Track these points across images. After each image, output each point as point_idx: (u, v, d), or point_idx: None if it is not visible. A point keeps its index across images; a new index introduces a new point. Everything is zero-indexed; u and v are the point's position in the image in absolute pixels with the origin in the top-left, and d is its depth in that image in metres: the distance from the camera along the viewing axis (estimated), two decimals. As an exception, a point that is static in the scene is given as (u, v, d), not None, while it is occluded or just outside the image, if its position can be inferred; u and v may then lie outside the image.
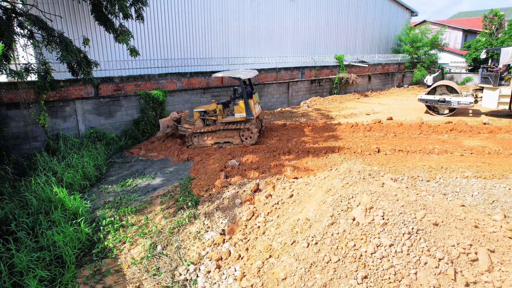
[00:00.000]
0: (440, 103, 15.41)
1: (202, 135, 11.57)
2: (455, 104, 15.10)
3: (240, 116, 11.22)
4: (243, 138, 11.46)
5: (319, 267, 4.41)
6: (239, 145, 11.35)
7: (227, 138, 11.55)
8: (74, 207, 7.09)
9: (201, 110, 11.82)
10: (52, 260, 5.85)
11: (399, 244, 4.40)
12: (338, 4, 22.48)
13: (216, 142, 11.58)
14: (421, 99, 15.95)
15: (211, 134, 11.51)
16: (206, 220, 6.89)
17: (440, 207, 5.30)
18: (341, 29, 23.26)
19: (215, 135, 11.52)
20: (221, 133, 11.48)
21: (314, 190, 6.38)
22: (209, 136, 11.54)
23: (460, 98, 15.03)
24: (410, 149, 10.53)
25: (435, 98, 15.50)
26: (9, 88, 10.45)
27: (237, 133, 11.45)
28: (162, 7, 14.90)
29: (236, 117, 11.30)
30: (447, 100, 15.22)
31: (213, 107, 11.66)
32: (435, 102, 15.52)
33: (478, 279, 4.06)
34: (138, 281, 5.55)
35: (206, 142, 11.59)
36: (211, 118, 11.67)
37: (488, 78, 14.97)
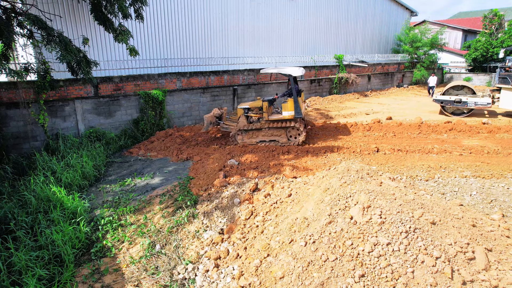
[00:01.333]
0: (456, 104, 15.03)
1: (247, 133, 11.34)
2: (472, 105, 14.73)
3: (288, 114, 10.87)
4: (290, 137, 11.26)
5: (317, 265, 4.42)
6: (285, 144, 11.16)
7: (273, 136, 11.29)
8: (73, 207, 7.10)
9: (245, 107, 11.49)
10: (51, 259, 5.86)
11: (396, 242, 4.42)
12: (337, 3, 22.49)
13: (261, 140, 11.36)
14: (436, 99, 15.57)
15: (256, 132, 11.29)
16: (205, 219, 6.90)
17: (438, 206, 5.31)
18: (341, 29, 23.27)
19: (260, 133, 11.28)
20: (267, 131, 11.24)
21: (312, 189, 6.39)
22: (254, 134, 11.31)
23: (477, 99, 14.67)
24: (409, 148, 10.55)
25: (451, 99, 15.12)
26: (8, 87, 10.46)
27: (284, 132, 11.23)
28: (161, 7, 14.91)
29: (284, 115, 10.95)
30: (464, 100, 14.82)
31: (259, 104, 11.36)
32: (451, 102, 15.14)
33: (475, 278, 4.07)
34: (136, 280, 5.56)
35: (250, 140, 11.37)
36: (256, 115, 11.37)
37: (506, 78, 14.56)
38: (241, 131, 11.32)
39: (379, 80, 24.49)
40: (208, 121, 11.62)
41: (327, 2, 21.85)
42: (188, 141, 12.30)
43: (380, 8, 25.42)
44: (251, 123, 11.42)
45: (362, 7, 24.02)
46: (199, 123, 15.11)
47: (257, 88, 17.15)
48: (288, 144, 11.17)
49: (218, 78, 15.73)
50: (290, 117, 10.94)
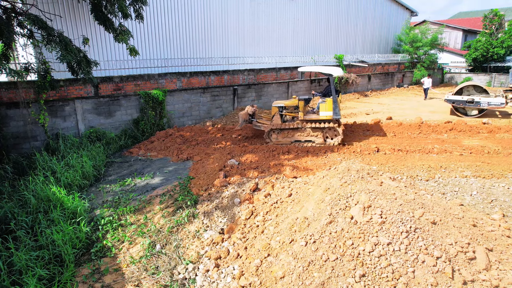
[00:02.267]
0: (468, 104, 14.76)
1: (281, 132, 11.13)
2: (485, 105, 14.49)
3: (326, 114, 10.67)
4: (326, 138, 11.07)
5: (317, 265, 4.41)
6: (321, 145, 10.98)
7: (310, 136, 11.07)
8: (73, 207, 7.10)
9: (280, 106, 11.28)
10: (51, 259, 5.86)
11: (397, 242, 4.41)
12: (338, 3, 22.49)
13: (296, 140, 11.16)
14: (448, 99, 15.29)
15: (292, 131, 11.11)
16: (205, 219, 6.90)
17: (439, 206, 5.31)
18: (341, 29, 23.27)
19: (296, 133, 11.10)
20: (304, 131, 11.05)
21: (312, 189, 6.38)
22: (289, 134, 11.12)
23: (490, 99, 14.42)
24: (409, 148, 10.55)
25: (463, 99, 14.84)
26: (8, 87, 10.46)
27: (321, 132, 11.02)
28: (161, 7, 14.91)
29: (321, 115, 10.76)
30: (477, 101, 14.54)
31: (294, 103, 11.12)
32: (463, 103, 14.87)
33: (475, 278, 4.07)
34: (137, 280, 5.55)
35: (285, 139, 11.17)
36: (291, 114, 11.23)
37: None
38: (276, 130, 11.09)
39: (379, 80, 24.49)
40: (242, 118, 11.43)
41: (327, 2, 21.85)
42: (188, 141, 12.29)
43: (380, 8, 25.42)
44: (284, 122, 11.21)
45: (362, 7, 24.03)
46: (199, 123, 15.10)
47: (257, 88, 17.16)
48: (323, 145, 10.91)
49: (218, 78, 15.73)
50: (327, 118, 10.74)
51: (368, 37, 25.40)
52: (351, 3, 23.24)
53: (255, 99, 17.27)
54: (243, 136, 12.60)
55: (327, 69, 11.03)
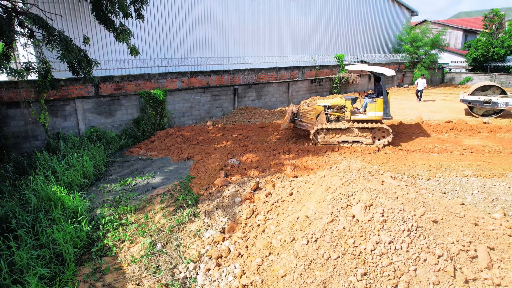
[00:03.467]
0: (485, 105, 14.44)
1: (329, 132, 10.87)
2: (502, 105, 14.14)
3: (375, 115, 10.47)
4: (374, 139, 10.82)
5: (319, 264, 4.41)
6: (369, 145, 10.71)
7: (358, 137, 10.78)
8: (73, 206, 7.09)
9: (326, 105, 11.04)
10: (52, 258, 5.85)
11: (398, 241, 4.41)
12: (338, 3, 22.49)
13: (344, 140, 10.88)
14: (463, 100, 14.93)
15: (339, 131, 10.81)
16: (206, 218, 6.89)
17: (440, 205, 5.30)
18: (341, 28, 23.27)
19: (344, 133, 10.81)
20: (352, 131, 10.77)
21: (313, 188, 6.38)
22: (336, 134, 10.82)
23: (508, 99, 14.07)
24: (410, 148, 10.54)
25: (479, 99, 14.50)
26: (9, 87, 10.46)
27: (370, 133, 10.72)
28: (162, 6, 14.91)
29: (370, 115, 10.55)
30: (494, 101, 14.20)
31: (340, 103, 10.91)
32: (480, 103, 14.53)
33: (477, 276, 4.06)
34: (138, 279, 5.55)
35: (332, 139, 10.88)
36: (336, 114, 11.00)
37: None
38: (323, 129, 10.85)
39: (379, 80, 24.47)
40: (288, 118, 11.14)
41: (328, 2, 21.85)
42: (188, 140, 12.29)
43: (381, 8, 25.42)
44: (329, 121, 11.01)
45: (362, 7, 24.03)
46: (199, 122, 15.10)
47: (258, 87, 17.16)
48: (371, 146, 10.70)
49: (219, 78, 15.73)
50: (377, 118, 10.56)
51: (369, 37, 25.41)
52: (351, 3, 23.24)
53: (256, 99, 17.27)
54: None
55: (379, 69, 10.83)
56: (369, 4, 24.40)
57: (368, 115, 10.62)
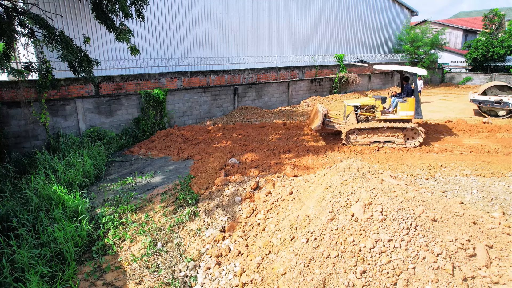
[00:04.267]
0: (496, 105, 14.28)
1: (360, 132, 10.76)
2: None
3: (407, 114, 10.48)
4: (406, 139, 10.78)
5: (318, 262, 4.43)
6: (401, 145, 10.69)
7: (390, 137, 10.72)
8: (74, 205, 7.12)
9: (356, 105, 11.02)
10: (53, 257, 5.88)
11: (397, 239, 4.43)
12: (338, 3, 22.51)
13: (376, 140, 10.80)
14: (474, 100, 14.74)
15: (371, 131, 10.73)
16: (206, 217, 6.92)
17: (439, 204, 5.33)
18: (341, 28, 23.29)
19: (376, 133, 10.72)
20: (384, 131, 10.69)
21: (313, 187, 6.41)
22: (369, 134, 10.73)
23: None
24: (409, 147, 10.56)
25: (490, 99, 14.32)
26: (10, 86, 10.48)
27: (401, 133, 10.67)
28: (162, 6, 14.94)
29: (401, 115, 10.53)
30: (505, 101, 13.98)
31: (370, 103, 10.89)
32: (491, 103, 14.36)
33: (476, 274, 4.09)
34: (138, 277, 5.58)
35: (364, 140, 10.78)
36: (366, 114, 10.93)
37: None
38: (355, 130, 10.80)
39: (379, 79, 24.51)
40: (321, 118, 10.96)
41: (328, 1, 21.87)
42: (189, 140, 12.31)
43: (381, 8, 25.44)
44: (359, 121, 10.97)
45: (362, 7, 24.05)
46: (199, 122, 15.13)
47: (258, 87, 17.19)
48: (403, 146, 10.67)
49: (219, 78, 15.75)
50: (408, 118, 10.55)
51: (369, 37, 25.43)
52: (351, 3, 23.26)
53: (256, 99, 17.30)
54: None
55: (411, 68, 10.79)
56: (369, 4, 24.43)
57: (400, 114, 10.60)
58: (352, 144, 10.83)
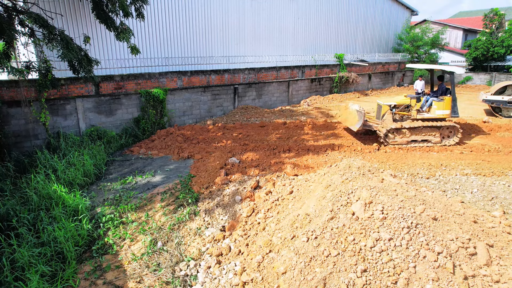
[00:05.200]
0: (509, 105, 14.19)
1: (398, 131, 10.73)
2: None
3: (443, 113, 10.52)
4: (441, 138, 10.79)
5: (319, 261, 4.43)
6: (437, 144, 10.71)
7: (426, 136, 10.75)
8: (74, 204, 7.12)
9: (392, 104, 11.00)
10: (53, 256, 5.88)
11: (398, 238, 4.43)
12: (338, 3, 22.50)
13: (413, 140, 10.81)
14: (486, 100, 14.66)
15: (408, 131, 10.71)
16: (207, 216, 6.91)
17: (440, 203, 5.32)
18: (342, 28, 23.28)
19: (413, 133, 10.72)
20: (421, 130, 10.70)
21: (314, 186, 6.40)
22: (407, 133, 10.71)
23: None
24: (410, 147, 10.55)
25: (503, 99, 14.20)
26: (10, 86, 10.48)
27: (438, 132, 10.73)
28: (162, 5, 14.92)
29: (437, 114, 10.57)
30: None
31: (406, 102, 10.94)
32: (503, 103, 14.24)
33: (476, 273, 4.08)
34: (138, 276, 5.57)
35: (402, 139, 10.75)
36: (402, 113, 10.93)
37: None
38: (393, 130, 10.69)
39: (379, 79, 24.51)
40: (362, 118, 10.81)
41: (328, 1, 21.86)
42: (189, 139, 12.31)
43: (381, 8, 25.43)
44: (394, 121, 10.95)
45: (362, 6, 24.04)
46: (200, 121, 15.12)
47: (258, 87, 17.18)
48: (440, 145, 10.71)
49: (219, 77, 15.74)
50: (444, 116, 10.61)
51: (369, 36, 25.42)
52: (351, 3, 23.25)
53: (256, 98, 17.29)
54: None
55: (449, 67, 10.84)
56: (370, 4, 24.42)
57: (436, 113, 10.64)
58: (390, 144, 10.80)
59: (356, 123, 10.79)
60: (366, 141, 11.46)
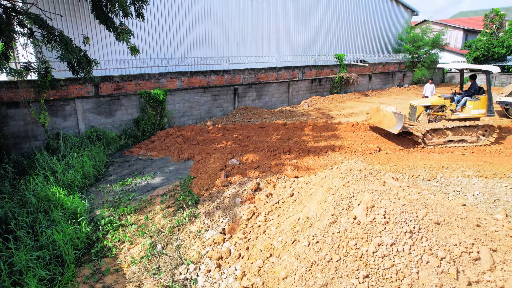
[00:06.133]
0: None
1: (435, 132, 10.67)
2: None
3: (478, 112, 10.51)
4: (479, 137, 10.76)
5: (320, 266, 4.38)
6: (473, 144, 10.68)
7: (463, 136, 10.73)
8: (73, 207, 7.06)
9: (427, 105, 10.96)
10: (51, 259, 5.82)
11: (400, 243, 4.37)
12: (338, 3, 22.44)
13: (449, 140, 10.78)
14: (500, 101, 14.47)
15: (446, 131, 10.67)
16: (207, 219, 6.86)
17: (442, 206, 5.27)
18: (342, 28, 23.22)
19: (449, 133, 10.68)
20: (457, 130, 10.66)
21: (315, 189, 6.35)
22: (444, 134, 10.69)
23: None
24: (410, 148, 10.50)
25: None
26: (9, 87, 10.42)
27: (474, 131, 10.72)
28: (162, 6, 14.87)
29: (473, 113, 10.56)
30: None
31: (440, 102, 10.91)
32: None
33: (480, 279, 4.03)
34: (138, 280, 5.52)
35: (439, 140, 10.75)
36: (436, 113, 10.92)
37: None
38: (432, 130, 10.63)
39: (380, 79, 24.44)
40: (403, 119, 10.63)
41: (328, 1, 21.81)
42: (189, 140, 12.25)
43: (381, 8, 25.38)
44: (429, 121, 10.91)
45: (363, 6, 23.98)
46: (199, 122, 15.06)
47: (258, 87, 17.12)
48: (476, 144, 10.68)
49: (219, 78, 15.69)
50: (480, 116, 10.62)
51: (369, 37, 25.36)
52: (352, 3, 23.20)
53: (256, 99, 17.23)
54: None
55: (485, 66, 10.86)
56: (370, 4, 24.36)
57: (472, 113, 10.60)
58: (427, 145, 10.75)
59: (394, 125, 10.70)
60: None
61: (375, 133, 12.25)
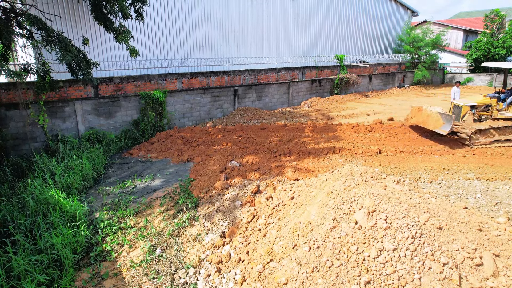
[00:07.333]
0: None
1: (481, 132, 10.58)
2: None
3: None
4: None
5: (321, 271, 4.33)
6: None
7: (510, 135, 10.65)
8: (72, 210, 7.01)
9: (472, 104, 10.90)
10: (50, 263, 5.77)
11: (402, 248, 4.32)
12: (339, 4, 22.42)
13: (496, 140, 10.69)
14: None
15: (492, 131, 10.61)
16: (206, 222, 6.81)
17: (444, 210, 5.22)
18: (342, 29, 23.19)
19: (497, 133, 10.60)
20: (505, 130, 10.60)
21: (315, 192, 6.30)
22: (491, 134, 10.61)
23: None
24: (411, 150, 10.46)
25: None
26: (8, 88, 10.38)
27: None
28: (162, 7, 14.83)
29: None
30: None
31: (486, 102, 10.87)
32: None
33: (483, 285, 3.98)
34: (137, 284, 5.47)
35: (486, 140, 10.66)
36: (482, 113, 10.88)
37: None
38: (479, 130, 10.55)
39: (380, 80, 24.41)
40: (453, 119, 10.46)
41: (328, 2, 21.77)
42: (188, 142, 12.20)
43: (381, 8, 25.35)
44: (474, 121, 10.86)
45: (363, 7, 23.96)
46: (199, 124, 15.02)
47: (258, 88, 17.08)
48: None
49: (219, 79, 15.64)
50: None
51: (369, 37, 25.33)
52: (352, 4, 23.16)
53: (256, 100, 17.19)
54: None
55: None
56: (370, 5, 24.33)
57: None
58: (474, 144, 10.63)
59: (442, 125, 10.60)
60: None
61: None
